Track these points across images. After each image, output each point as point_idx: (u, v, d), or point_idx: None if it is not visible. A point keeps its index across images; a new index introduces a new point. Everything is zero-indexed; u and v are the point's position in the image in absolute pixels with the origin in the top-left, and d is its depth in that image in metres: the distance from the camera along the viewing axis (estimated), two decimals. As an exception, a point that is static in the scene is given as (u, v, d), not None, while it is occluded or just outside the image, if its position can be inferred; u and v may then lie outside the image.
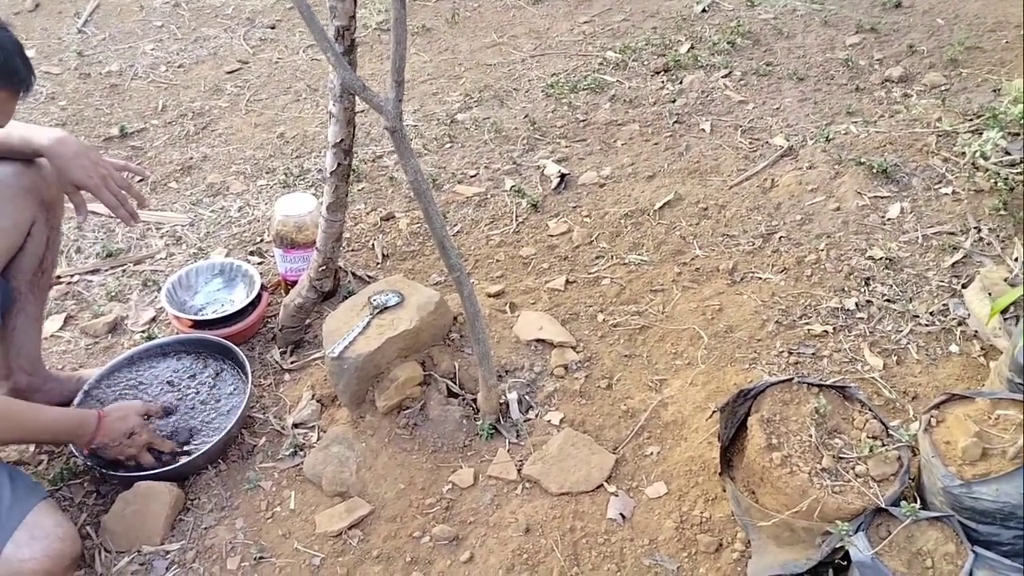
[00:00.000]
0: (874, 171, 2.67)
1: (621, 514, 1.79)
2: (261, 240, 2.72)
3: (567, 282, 2.45)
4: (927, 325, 2.17)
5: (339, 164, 2.01)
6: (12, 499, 1.59)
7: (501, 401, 2.03)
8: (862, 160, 2.72)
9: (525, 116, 3.31)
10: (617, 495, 1.83)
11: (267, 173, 3.09)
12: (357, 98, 1.87)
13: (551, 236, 2.66)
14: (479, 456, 1.96)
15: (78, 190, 1.84)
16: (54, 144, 1.78)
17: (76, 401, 2.01)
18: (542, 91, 3.50)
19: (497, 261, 2.58)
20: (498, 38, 4.03)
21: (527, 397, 2.09)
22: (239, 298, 2.34)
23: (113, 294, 2.52)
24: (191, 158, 3.20)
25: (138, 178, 2.69)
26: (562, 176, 2.90)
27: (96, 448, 1.83)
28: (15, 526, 1.56)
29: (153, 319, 2.42)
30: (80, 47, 4.07)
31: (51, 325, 2.40)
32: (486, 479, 1.90)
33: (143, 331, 2.37)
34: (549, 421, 2.02)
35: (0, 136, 1.75)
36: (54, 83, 3.74)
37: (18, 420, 1.68)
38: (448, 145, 3.19)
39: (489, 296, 2.41)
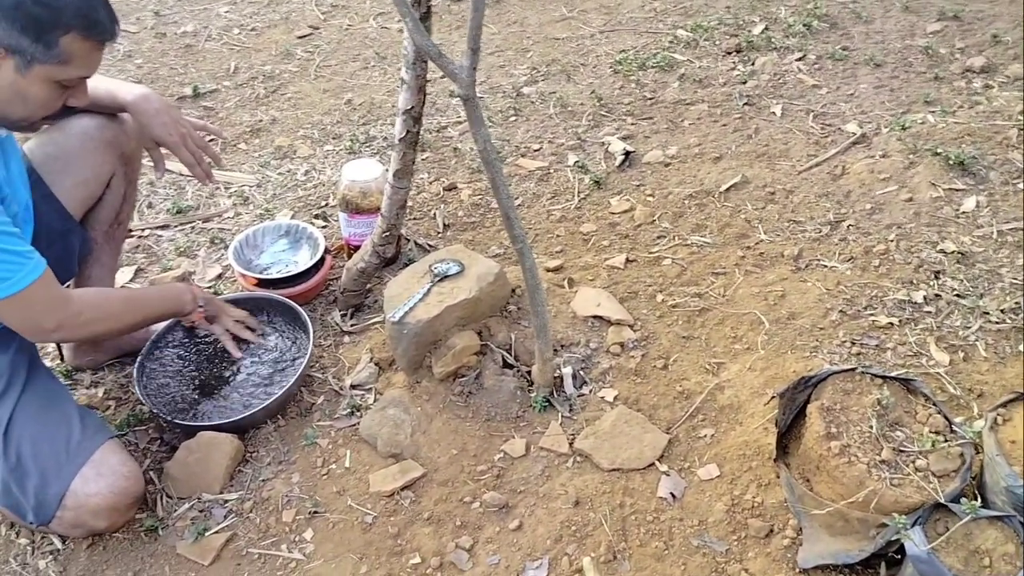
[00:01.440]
0: (950, 162, 2.59)
1: (672, 493, 1.79)
2: (326, 204, 2.76)
3: (627, 260, 2.43)
4: (997, 322, 2.11)
5: (408, 131, 2.02)
6: (82, 436, 1.66)
7: (556, 375, 2.04)
8: (938, 151, 2.64)
9: (592, 92, 3.29)
10: (668, 475, 1.83)
11: (333, 139, 3.13)
12: (428, 66, 1.88)
13: (613, 214, 2.65)
14: (531, 428, 1.97)
15: (158, 146, 1.89)
16: (138, 100, 1.83)
17: (144, 351, 2.07)
18: (610, 67, 3.47)
19: (557, 236, 2.57)
20: (567, 12, 4.00)
21: (582, 372, 2.09)
22: (303, 259, 2.38)
23: (182, 249, 2.59)
24: (260, 120, 3.25)
25: (213, 138, 2.75)
26: (627, 153, 2.88)
27: (204, 312, 1.98)
28: (83, 462, 1.63)
29: (219, 276, 2.48)
30: (157, 7, 4.16)
31: (122, 276, 2.47)
32: (537, 450, 1.91)
33: (209, 287, 2.43)
34: (603, 398, 2.02)
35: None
36: (131, 41, 3.83)
37: (119, 307, 1.77)
38: (513, 118, 3.19)
39: (548, 271, 2.41)
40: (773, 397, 1.73)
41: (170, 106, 1.88)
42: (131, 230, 2.64)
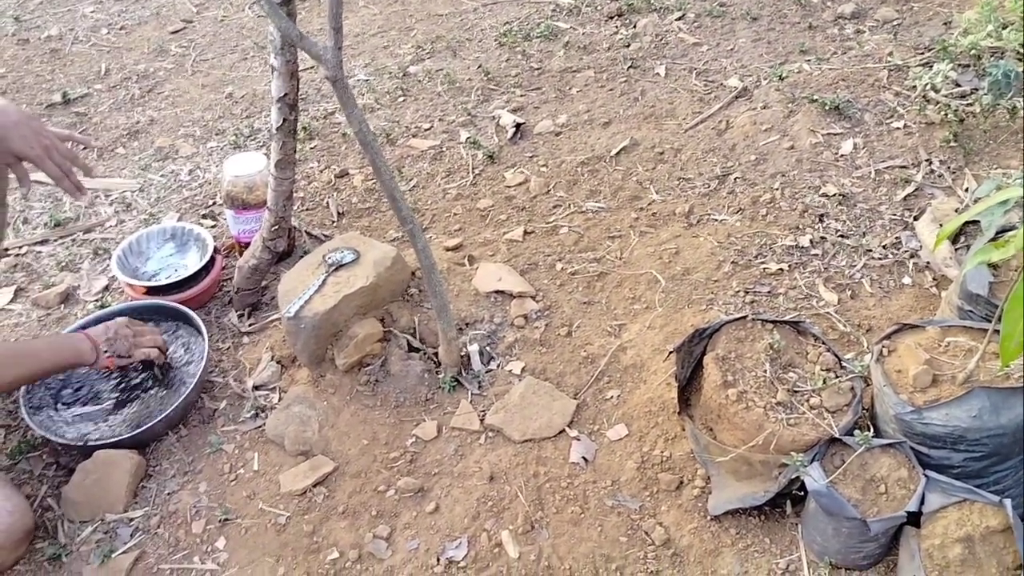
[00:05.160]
0: (827, 108, 2.67)
1: (583, 457, 1.81)
2: (213, 203, 2.67)
3: (525, 232, 2.43)
4: (880, 259, 2.20)
5: (285, 120, 1.97)
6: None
7: (462, 353, 2.03)
8: (815, 98, 2.72)
9: (479, 66, 3.26)
10: (579, 439, 1.85)
11: (217, 134, 3.03)
12: (299, 51, 1.83)
13: (508, 187, 2.64)
14: (442, 409, 1.96)
15: (20, 161, 1.78)
16: None
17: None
18: (495, 40, 3.44)
19: (455, 214, 2.55)
20: (448, -12, 3.95)
21: (488, 348, 2.09)
22: (192, 262, 2.29)
23: (63, 264, 2.47)
24: (138, 122, 3.12)
25: (83, 147, 2.62)
26: (517, 126, 2.87)
27: (113, 354, 1.86)
28: None
29: (106, 288, 2.38)
30: (17, 12, 3.93)
31: (1, 298, 2.35)
32: (449, 431, 1.91)
33: (96, 300, 2.33)
34: (511, 371, 2.02)
35: None
36: (-9, 50, 3.62)
37: (6, 362, 1.69)
38: (401, 99, 3.14)
39: (447, 250, 2.39)
40: (671, 352, 1.76)
41: (31, 117, 1.77)
42: (7, 248, 2.51)
